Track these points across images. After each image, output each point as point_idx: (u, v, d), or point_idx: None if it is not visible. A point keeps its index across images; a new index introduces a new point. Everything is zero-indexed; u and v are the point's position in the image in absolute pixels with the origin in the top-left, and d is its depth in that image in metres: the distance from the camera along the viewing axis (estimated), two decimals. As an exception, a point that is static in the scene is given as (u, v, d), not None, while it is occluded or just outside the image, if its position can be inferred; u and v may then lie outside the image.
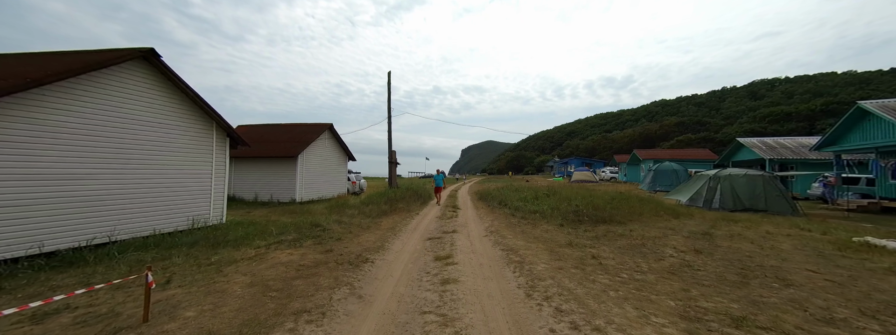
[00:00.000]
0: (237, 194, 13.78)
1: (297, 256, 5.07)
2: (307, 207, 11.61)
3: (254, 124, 16.02)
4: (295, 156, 13.26)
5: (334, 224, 7.81)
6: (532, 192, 13.98)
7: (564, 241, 6.37)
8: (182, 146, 7.12)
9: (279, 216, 9.83)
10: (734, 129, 57.46)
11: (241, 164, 13.91)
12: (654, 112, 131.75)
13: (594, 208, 9.45)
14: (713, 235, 6.76)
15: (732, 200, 11.26)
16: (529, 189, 17.12)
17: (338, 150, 16.74)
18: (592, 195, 12.15)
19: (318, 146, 14.99)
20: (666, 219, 8.99)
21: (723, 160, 20.32)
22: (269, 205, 12.48)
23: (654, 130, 74.36)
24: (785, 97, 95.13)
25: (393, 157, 14.26)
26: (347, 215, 9.73)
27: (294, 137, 14.44)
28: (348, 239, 6.46)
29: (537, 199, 12.33)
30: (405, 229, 7.90)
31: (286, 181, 13.56)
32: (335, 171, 16.46)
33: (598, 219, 8.55)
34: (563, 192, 12.98)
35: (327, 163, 15.73)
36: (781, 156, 15.97)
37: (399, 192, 13.55)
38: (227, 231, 6.90)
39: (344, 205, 11.36)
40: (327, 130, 15.58)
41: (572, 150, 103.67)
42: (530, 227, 8.03)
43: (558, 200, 11.41)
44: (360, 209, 10.51)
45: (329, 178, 15.92)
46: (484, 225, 8.51)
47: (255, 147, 13.89)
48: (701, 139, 56.69)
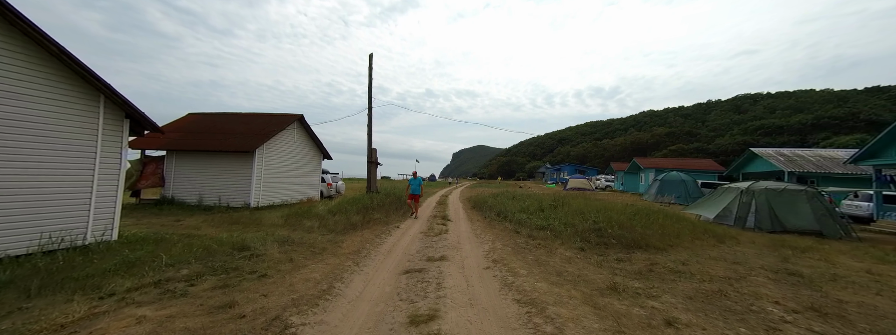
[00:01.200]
0: (177, 196, 11.24)
1: (152, 324, 2.81)
2: (260, 216, 9.26)
3: (208, 112, 13.54)
4: (251, 151, 10.88)
5: (274, 245, 5.55)
6: (535, 202, 12.00)
7: (604, 282, 4.35)
8: (35, 126, 4.76)
9: (211, 229, 7.46)
10: (726, 141, 57.70)
11: (183, 158, 11.40)
12: (643, 122, 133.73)
13: (619, 226, 7.52)
14: (806, 276, 4.86)
15: (770, 219, 9.57)
16: (528, 197, 15.17)
17: (310, 146, 14.39)
18: (607, 207, 10.25)
19: (284, 141, 12.63)
20: (711, 243, 7.12)
21: (732, 171, 19.00)
22: (212, 212, 10.04)
23: (645, 139, 74.40)
24: (767, 112, 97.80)
25: (373, 157, 12.07)
26: (304, 229, 7.46)
27: (253, 129, 12.04)
28: (280, 276, 4.23)
29: (542, 211, 10.35)
30: (375, 254, 5.72)
31: (239, 181, 11.14)
32: (305, 171, 14.09)
33: (629, 242, 6.59)
34: (572, 203, 11.05)
35: (295, 161, 13.36)
36: (802, 168, 14.63)
37: (378, 199, 11.32)
38: (96, 258, 4.56)
39: (306, 213, 9.07)
40: (296, 122, 13.24)
41: (563, 157, 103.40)
42: (545, 253, 5.99)
43: (569, 214, 9.45)
44: (323, 220, 8.25)
45: (297, 179, 13.54)
46: (483, 248, 6.41)
47: (202, 138, 11.42)
48: (694, 149, 56.60)
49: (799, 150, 16.22)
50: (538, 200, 12.28)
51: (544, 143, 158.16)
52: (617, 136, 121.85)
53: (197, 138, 11.53)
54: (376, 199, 10.85)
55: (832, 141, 39.02)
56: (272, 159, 12.03)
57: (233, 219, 8.61)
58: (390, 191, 13.33)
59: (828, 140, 37.73)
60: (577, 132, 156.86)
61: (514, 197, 15.81)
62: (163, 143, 11.35)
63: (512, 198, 15.67)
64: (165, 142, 11.39)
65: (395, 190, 15.06)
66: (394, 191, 14.06)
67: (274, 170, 12.14)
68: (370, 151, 11.98)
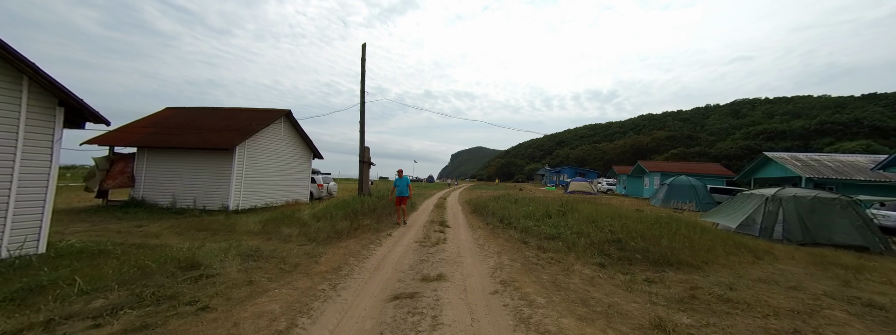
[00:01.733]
0: (148, 197, 10.21)
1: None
2: (235, 221, 8.26)
3: (187, 107, 12.51)
4: (230, 148, 9.87)
5: (235, 261, 4.57)
6: (540, 207, 11.07)
7: (644, 316, 3.42)
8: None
9: (174, 237, 6.47)
10: (728, 145, 57.16)
11: (156, 156, 10.37)
12: (642, 125, 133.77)
13: (640, 237, 6.61)
14: (890, 309, 3.95)
15: (800, 230, 8.70)
16: (532, 201, 14.25)
17: (298, 144, 13.39)
18: (620, 214, 9.34)
19: (269, 138, 11.64)
20: (748, 260, 6.22)
21: (743, 176, 18.22)
22: (184, 215, 9.02)
23: (644, 143, 73.88)
24: (766, 116, 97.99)
25: (365, 156, 11.08)
26: (280, 238, 6.48)
27: (234, 125, 11.04)
28: (227, 307, 3.26)
29: (549, 217, 9.42)
30: (358, 271, 4.76)
31: (216, 182, 10.13)
32: (293, 171, 13.09)
33: (656, 257, 5.68)
34: (581, 209, 10.13)
35: (282, 160, 12.36)
36: (821, 174, 13.83)
37: (370, 202, 10.34)
38: None
39: (288, 218, 8.09)
40: (283, 118, 12.25)
41: (562, 159, 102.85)
42: (561, 272, 5.06)
43: (580, 221, 8.53)
44: (305, 227, 7.27)
45: (284, 180, 12.53)
46: (487, 263, 5.47)
47: (177, 134, 10.42)
48: (695, 153, 56.06)
49: (816, 155, 15.46)
50: (544, 205, 11.35)
51: (543, 145, 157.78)
52: (616, 138, 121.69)
53: (171, 134, 10.51)
54: (368, 203, 9.88)
55: (836, 146, 38.52)
56: (255, 158, 11.03)
57: (203, 225, 7.61)
58: (384, 194, 12.34)
59: (832, 145, 37.35)
60: (576, 135, 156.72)
61: (516, 201, 14.89)
62: (133, 139, 10.33)
63: (514, 202, 14.76)
64: (136, 138, 10.37)
65: (390, 192, 14.09)
66: (389, 193, 13.09)
67: (257, 170, 11.13)
68: (362, 150, 11.01)
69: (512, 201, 14.89)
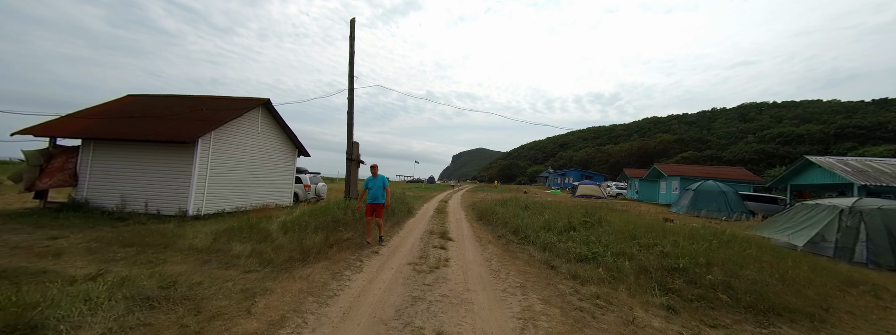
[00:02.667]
0: (93, 199, 8.55)
1: None
2: (184, 232, 6.60)
3: (151, 94, 10.87)
4: (190, 140, 8.21)
5: (110, 312, 2.88)
6: (559, 216, 9.32)
7: None
8: None
9: (83, 258, 4.79)
10: (741, 149, 55.09)
11: (104, 150, 8.71)
12: (646, 128, 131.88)
13: (709, 264, 4.90)
14: None
15: (892, 251, 6.96)
16: (546, 207, 12.53)
17: (279, 139, 11.72)
18: (661, 228, 7.60)
19: (242, 131, 9.97)
20: (871, 302, 4.49)
21: (778, 182, 16.45)
22: (127, 223, 7.35)
23: (651, 145, 71.90)
24: (774, 121, 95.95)
25: (354, 153, 9.31)
26: (224, 260, 4.79)
27: (201, 115, 9.38)
28: None
29: (574, 230, 7.69)
30: (315, 323, 3.05)
31: (174, 182, 8.46)
32: (273, 170, 11.41)
33: (751, 299, 3.96)
34: (612, 220, 8.38)
35: (258, 157, 10.69)
36: (878, 181, 12.07)
37: (353, 209, 8.60)
38: None
39: (249, 230, 6.40)
40: (260, 109, 10.58)
41: (566, 162, 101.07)
42: (619, 324, 3.36)
43: (615, 236, 6.80)
44: (265, 242, 5.59)
45: (261, 180, 10.86)
46: (511, 307, 3.74)
47: (130, 124, 8.79)
48: (707, 157, 54.02)
49: (867, 160, 13.72)
50: (564, 214, 9.62)
51: (545, 147, 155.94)
52: (620, 141, 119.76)
53: (123, 124, 8.87)
54: (354, 209, 8.17)
55: (861, 151, 36.63)
56: (224, 153, 9.36)
57: (137, 238, 5.93)
58: None
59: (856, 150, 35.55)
60: (579, 137, 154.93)
61: (527, 206, 13.16)
62: (77, 128, 8.69)
63: (524, 207, 13.05)
64: (81, 127, 8.73)
65: (359, 197, 12.31)
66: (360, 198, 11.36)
67: (226, 168, 9.46)
68: (350, 145, 9.26)
69: (521, 206, 13.18)
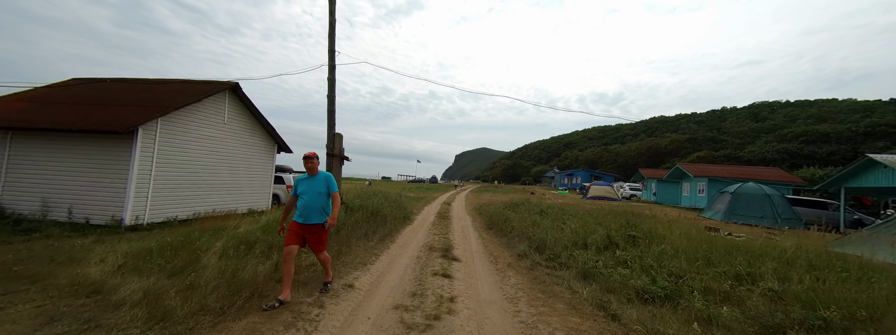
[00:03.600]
0: (6, 203, 6.81)
1: None
2: (96, 252, 4.84)
3: (102, 78, 9.15)
4: (127, 131, 6.46)
5: None
6: (590, 225, 7.44)
7: None
8: None
9: None
10: (760, 148, 52.51)
11: (25, 142, 6.97)
12: (654, 128, 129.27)
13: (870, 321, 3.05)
14: None
15: None
16: (563, 212, 10.68)
17: (252, 132, 9.96)
18: (740, 247, 5.72)
19: (202, 121, 8.22)
20: None
21: (830, 184, 14.45)
22: (37, 234, 5.61)
23: (662, 145, 69.42)
24: (788, 120, 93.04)
25: (336, 147, 7.46)
26: (96, 312, 2.99)
27: (148, 99, 7.63)
28: None
29: (617, 247, 5.83)
30: None
31: (108, 182, 6.70)
32: (244, 169, 9.66)
33: None
34: (666, 234, 6.50)
35: (225, 153, 8.95)
36: (967, 183, 10.07)
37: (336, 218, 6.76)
38: None
39: (182, 249, 4.63)
40: (227, 95, 8.81)
41: (571, 161, 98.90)
42: None
43: (681, 260, 4.92)
44: (179, 277, 3.79)
45: (228, 180, 9.11)
46: None
47: (58, 111, 7.07)
48: (724, 157, 51.52)
49: (947, 158, 11.68)
50: (593, 222, 7.73)
51: (550, 146, 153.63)
52: (627, 141, 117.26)
53: (48, 111, 7.15)
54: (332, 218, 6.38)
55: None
56: (178, 148, 7.60)
57: (14, 263, 4.17)
58: (362, 203, 8.64)
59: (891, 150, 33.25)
60: (584, 136, 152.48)
61: (543, 211, 11.31)
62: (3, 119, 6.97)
63: (539, 212, 11.22)
64: None
65: (372, 198, 10.53)
66: (369, 200, 9.56)
67: (179, 165, 7.70)
68: (331, 138, 7.36)
69: (536, 212, 11.34)
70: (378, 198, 10.01)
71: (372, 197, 9.88)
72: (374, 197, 9.96)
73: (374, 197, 9.96)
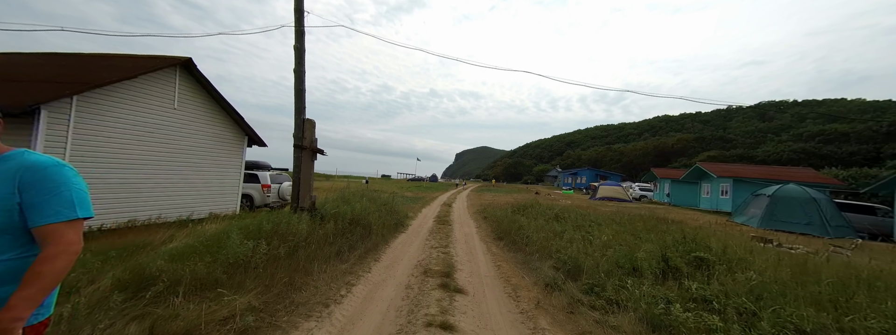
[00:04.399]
0: None
1: None
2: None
3: (25, 52, 7.52)
4: (26, 111, 4.83)
5: None
6: (626, 235, 5.80)
7: None
8: None
9: None
10: (774, 148, 50.74)
11: None
12: (658, 127, 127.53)
13: None
14: None
15: None
16: (584, 218, 9.06)
17: (214, 120, 8.31)
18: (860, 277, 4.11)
19: (142, 104, 6.58)
20: None
21: (881, 187, 12.82)
22: None
23: (669, 144, 67.58)
24: (797, 120, 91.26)
25: (306, 137, 5.82)
26: None
27: (66, 74, 6.00)
28: None
29: (682, 274, 4.21)
30: None
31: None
32: (204, 165, 8.03)
33: None
34: (749, 257, 4.87)
35: (177, 145, 7.31)
36: None
37: (297, 232, 5.03)
38: None
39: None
40: (177, 73, 7.15)
41: (573, 161, 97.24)
42: None
43: (785, 299, 3.30)
44: None
45: (183, 180, 7.48)
46: None
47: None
48: (736, 157, 49.69)
49: None
50: (629, 232, 6.08)
51: (552, 145, 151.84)
52: (630, 140, 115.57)
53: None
54: (289, 235, 4.68)
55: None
56: (103, 135, 5.97)
57: None
58: (337, 210, 6.83)
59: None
60: (587, 135, 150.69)
61: (559, 216, 9.69)
62: None
63: (554, 217, 9.60)
64: None
65: (365, 199, 8.90)
66: (360, 202, 7.95)
67: (110, 159, 6.08)
68: (300, 125, 5.65)
69: (550, 216, 9.73)
70: (364, 200, 8.37)
71: (356, 199, 8.25)
72: (359, 200, 8.33)
73: (359, 200, 8.33)
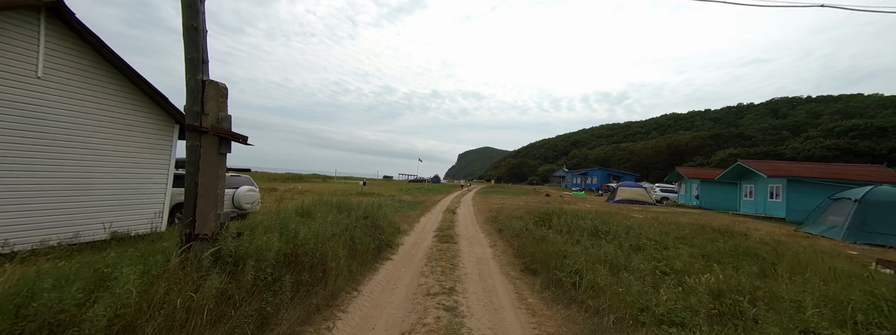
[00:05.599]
0: None
1: None
2: None
3: None
4: None
5: None
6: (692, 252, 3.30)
7: None
8: None
9: None
10: (803, 145, 47.49)
11: None
12: (666, 125, 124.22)
13: None
14: None
15: None
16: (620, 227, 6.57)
17: (117, 97, 5.85)
18: None
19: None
20: None
21: None
22: None
23: (683, 142, 64.34)
24: (812, 116, 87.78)
25: (208, 114, 3.57)
26: None
27: None
28: None
29: None
30: None
31: None
32: (102, 163, 5.59)
33: None
34: None
35: (47, 131, 4.89)
36: None
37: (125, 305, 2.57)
38: None
39: None
40: (40, 20, 4.73)
41: (580, 160, 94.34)
42: None
43: None
44: None
45: (61, 183, 5.05)
46: None
47: None
48: (761, 154, 46.58)
49: None
50: (702, 254, 3.56)
51: (556, 145, 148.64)
52: (637, 139, 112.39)
53: None
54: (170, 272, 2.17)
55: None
56: None
57: None
58: (303, 231, 4.42)
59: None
60: (592, 135, 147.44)
61: (598, 229, 7.19)
62: None
63: (593, 232, 7.08)
64: None
65: (343, 210, 6.36)
66: (318, 223, 5.43)
67: None
68: (198, 91, 3.12)
69: (587, 229, 7.21)
70: (334, 213, 5.86)
71: (324, 211, 5.76)
72: (330, 211, 5.83)
73: (330, 211, 5.83)
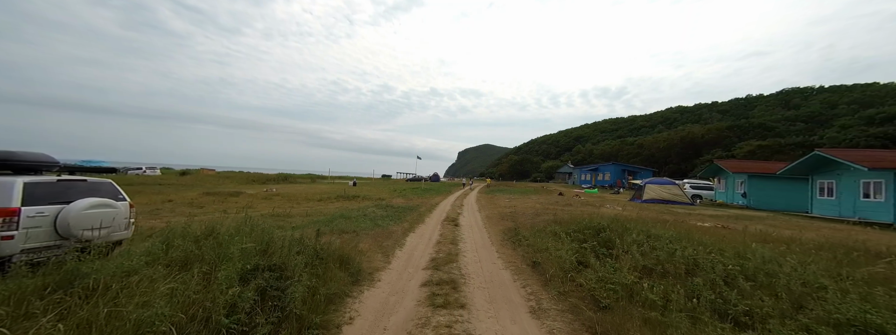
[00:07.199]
0: None
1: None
2: None
3: None
4: None
5: None
6: None
7: None
8: None
9: None
10: (841, 135, 43.75)
11: None
12: (673, 118, 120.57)
13: None
14: None
15: None
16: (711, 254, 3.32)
17: None
18: None
19: None
20: None
21: None
22: None
23: (699, 134, 60.78)
24: (827, 107, 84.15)
25: None
26: None
27: None
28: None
29: None
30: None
31: None
32: None
33: None
34: None
35: None
36: None
37: None
38: None
39: None
40: None
41: (585, 156, 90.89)
42: None
43: None
44: None
45: None
46: None
47: None
48: (793, 145, 42.98)
49: None
50: None
51: (559, 141, 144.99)
52: (643, 133, 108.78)
53: None
54: None
55: None
56: None
57: None
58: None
59: None
60: (596, 129, 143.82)
61: (698, 264, 3.91)
62: None
63: (694, 266, 3.73)
64: None
65: (274, 242, 3.12)
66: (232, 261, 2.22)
67: None
68: None
69: (717, 273, 3.84)
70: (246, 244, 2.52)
71: (237, 239, 2.47)
72: (246, 237, 2.52)
73: (246, 237, 2.52)
